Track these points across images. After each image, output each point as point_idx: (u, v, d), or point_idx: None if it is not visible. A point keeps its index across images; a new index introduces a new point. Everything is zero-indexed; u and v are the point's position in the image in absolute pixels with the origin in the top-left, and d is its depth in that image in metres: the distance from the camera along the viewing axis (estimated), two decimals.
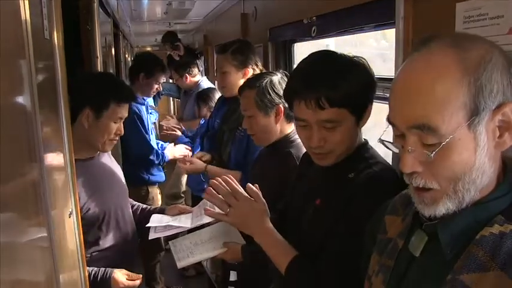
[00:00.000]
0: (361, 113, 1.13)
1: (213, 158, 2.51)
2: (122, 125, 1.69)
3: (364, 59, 1.16)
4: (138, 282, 1.60)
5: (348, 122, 1.11)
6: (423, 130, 0.66)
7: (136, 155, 2.78)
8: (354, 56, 1.15)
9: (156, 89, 3.08)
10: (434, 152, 0.66)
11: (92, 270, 1.55)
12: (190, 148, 3.10)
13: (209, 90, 3.76)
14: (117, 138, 1.69)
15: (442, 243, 0.70)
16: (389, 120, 0.72)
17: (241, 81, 2.15)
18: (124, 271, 1.59)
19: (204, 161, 2.50)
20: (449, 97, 0.65)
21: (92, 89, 1.63)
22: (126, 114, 1.69)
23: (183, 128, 3.61)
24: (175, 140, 3.35)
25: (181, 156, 3.01)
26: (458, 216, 0.70)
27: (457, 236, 0.69)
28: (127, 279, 1.58)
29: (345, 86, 1.08)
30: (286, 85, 1.26)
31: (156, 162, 2.89)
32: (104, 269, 1.57)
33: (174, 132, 3.41)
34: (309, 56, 1.19)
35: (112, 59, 3.25)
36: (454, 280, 0.65)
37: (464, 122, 0.65)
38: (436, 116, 0.65)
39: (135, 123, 2.73)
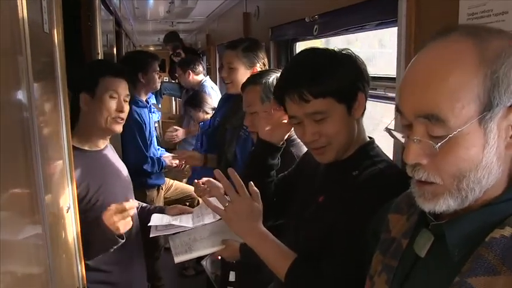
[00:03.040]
0: (350, 101, 1.11)
1: (205, 158, 2.49)
2: (123, 102, 1.68)
3: (351, 50, 1.16)
4: (131, 211, 1.50)
5: (338, 111, 1.10)
6: (431, 120, 0.63)
7: (131, 164, 2.73)
8: (342, 49, 1.16)
9: (159, 77, 3.07)
10: (439, 144, 0.63)
11: None
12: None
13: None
14: (122, 116, 1.68)
15: (448, 244, 0.67)
16: (398, 108, 0.69)
17: None
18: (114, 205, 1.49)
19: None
20: (463, 88, 0.62)
21: (82, 74, 1.70)
22: (123, 91, 1.68)
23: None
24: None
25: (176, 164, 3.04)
26: (466, 217, 0.67)
27: (465, 237, 0.66)
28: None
29: (326, 76, 1.09)
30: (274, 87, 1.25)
31: (150, 170, 2.85)
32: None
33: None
34: (295, 55, 1.19)
35: (114, 57, 3.24)
36: (462, 283, 0.63)
37: (475, 117, 0.62)
38: (446, 107, 0.62)
39: (132, 132, 2.72)
